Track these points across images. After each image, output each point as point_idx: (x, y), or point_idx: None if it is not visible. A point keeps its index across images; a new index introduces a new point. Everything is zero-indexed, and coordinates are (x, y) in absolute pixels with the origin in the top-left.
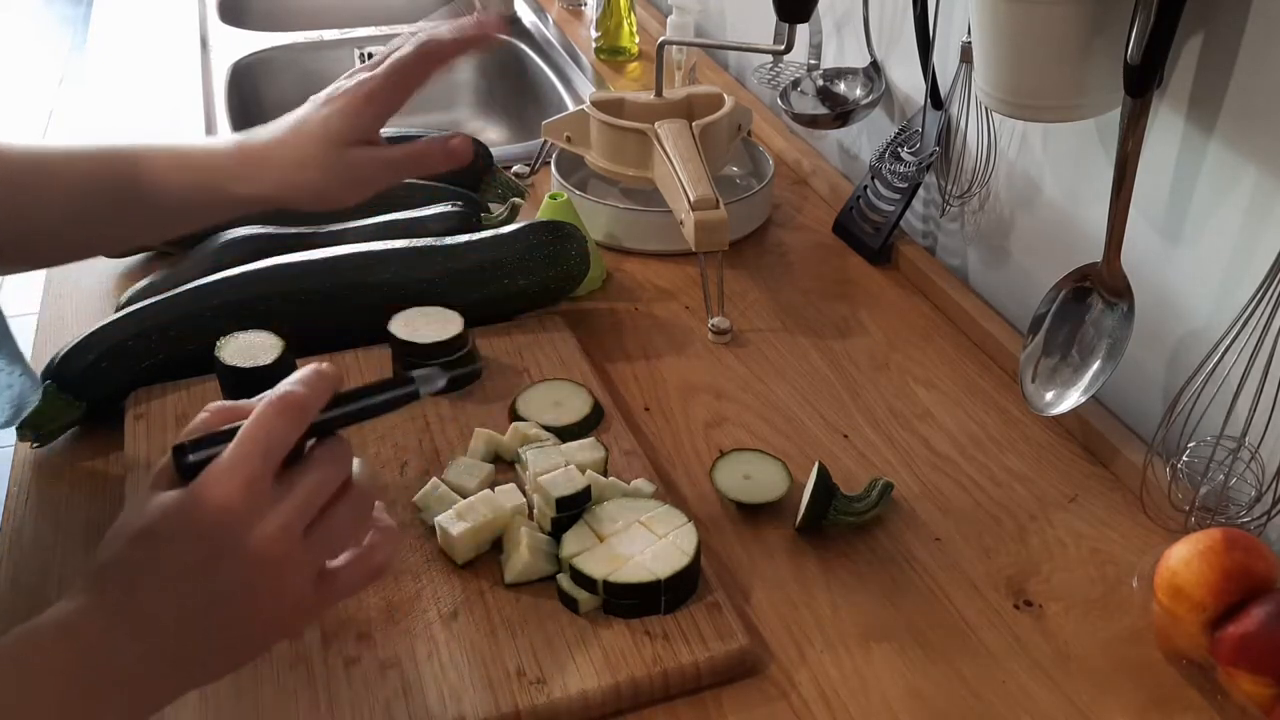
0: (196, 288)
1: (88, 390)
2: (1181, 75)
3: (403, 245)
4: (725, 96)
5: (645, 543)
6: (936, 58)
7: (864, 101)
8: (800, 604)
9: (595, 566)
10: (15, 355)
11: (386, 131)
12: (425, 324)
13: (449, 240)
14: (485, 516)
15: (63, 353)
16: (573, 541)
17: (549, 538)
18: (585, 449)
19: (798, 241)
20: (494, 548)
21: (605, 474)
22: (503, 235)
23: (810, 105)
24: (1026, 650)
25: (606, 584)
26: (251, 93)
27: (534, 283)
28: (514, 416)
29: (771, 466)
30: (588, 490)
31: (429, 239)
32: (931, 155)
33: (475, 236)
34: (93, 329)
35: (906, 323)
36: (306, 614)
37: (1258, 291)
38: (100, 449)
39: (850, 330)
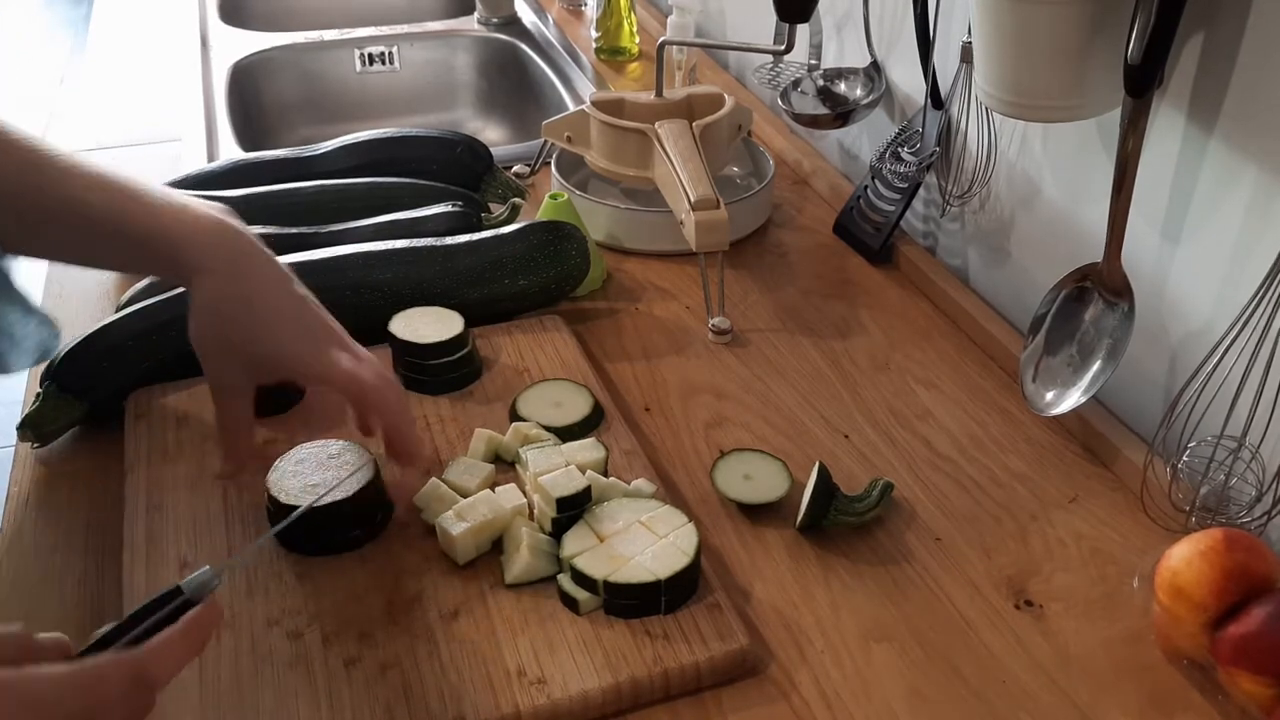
0: None
1: (89, 390)
2: (1181, 75)
3: (403, 245)
4: (725, 96)
5: (646, 543)
6: (936, 58)
7: (864, 101)
8: (800, 604)
9: (596, 567)
10: (29, 308)
11: (386, 133)
12: (426, 324)
13: (449, 240)
14: (485, 517)
15: (63, 353)
16: (573, 542)
17: (549, 538)
18: (585, 449)
19: (798, 241)
20: (494, 548)
21: (605, 474)
22: (503, 235)
23: (810, 105)
24: (1026, 650)
25: (607, 584)
26: (252, 93)
27: (534, 283)
28: (514, 416)
29: (772, 467)
30: (588, 490)
31: (429, 239)
32: (932, 155)
33: (475, 236)
34: (93, 329)
35: (907, 323)
36: None
37: (1258, 291)
38: (100, 449)
39: (850, 330)
